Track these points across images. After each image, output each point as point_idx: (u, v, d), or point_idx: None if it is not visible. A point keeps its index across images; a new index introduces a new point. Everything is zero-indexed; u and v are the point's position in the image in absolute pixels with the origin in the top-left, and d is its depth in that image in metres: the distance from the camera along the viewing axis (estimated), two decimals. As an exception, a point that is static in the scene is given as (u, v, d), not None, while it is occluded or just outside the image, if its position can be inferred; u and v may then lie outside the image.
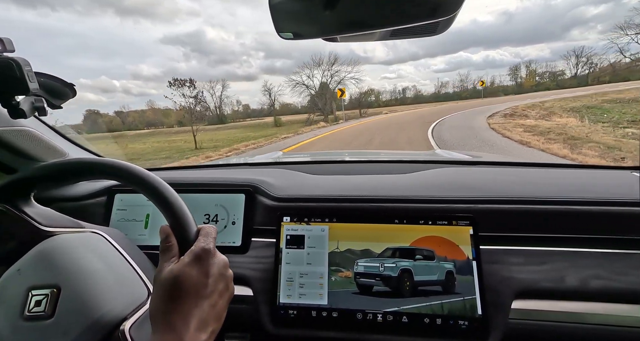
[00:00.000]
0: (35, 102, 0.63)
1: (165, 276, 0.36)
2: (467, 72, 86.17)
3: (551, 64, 60.68)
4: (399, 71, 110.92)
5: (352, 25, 0.38)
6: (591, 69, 53.66)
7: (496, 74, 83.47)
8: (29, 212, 0.45)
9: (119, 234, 0.50)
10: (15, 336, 0.39)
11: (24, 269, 0.42)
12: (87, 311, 0.39)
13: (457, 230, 0.65)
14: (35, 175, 0.44)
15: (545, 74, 59.74)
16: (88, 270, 0.42)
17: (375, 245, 0.67)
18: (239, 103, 62.03)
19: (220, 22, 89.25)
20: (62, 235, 0.45)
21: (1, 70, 0.55)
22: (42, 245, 0.43)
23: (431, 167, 0.93)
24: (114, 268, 0.44)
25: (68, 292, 0.40)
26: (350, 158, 1.33)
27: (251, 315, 0.67)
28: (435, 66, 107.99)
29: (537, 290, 0.60)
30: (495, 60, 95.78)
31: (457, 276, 0.62)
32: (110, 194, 0.82)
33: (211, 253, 0.40)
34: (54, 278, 0.41)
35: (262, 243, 0.74)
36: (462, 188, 0.74)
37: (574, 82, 52.66)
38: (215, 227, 0.44)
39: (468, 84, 66.87)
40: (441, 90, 68.20)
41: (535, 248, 0.64)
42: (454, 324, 0.60)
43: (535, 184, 0.76)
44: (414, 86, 78.72)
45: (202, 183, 0.83)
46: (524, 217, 0.67)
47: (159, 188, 0.41)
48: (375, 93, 68.62)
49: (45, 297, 0.39)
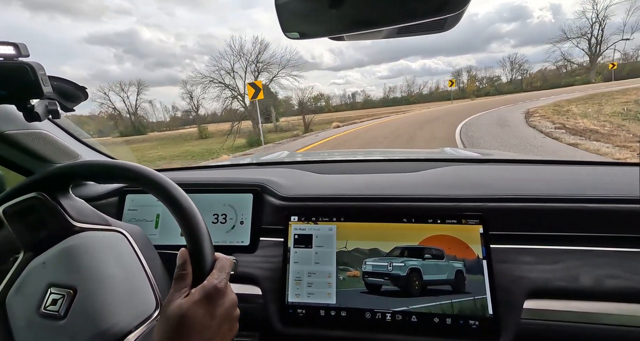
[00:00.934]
0: (49, 105, 0.65)
1: (173, 311, 0.37)
2: (412, 78, 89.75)
3: (489, 69, 64.51)
4: (347, 77, 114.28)
5: (359, 23, 0.37)
6: (523, 75, 58.09)
7: (440, 79, 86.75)
8: (64, 203, 0.46)
9: (141, 234, 0.51)
10: (28, 330, 0.40)
11: (49, 263, 0.43)
12: (97, 319, 0.40)
13: (466, 229, 0.64)
14: (75, 170, 0.45)
15: (483, 80, 62.95)
16: (105, 276, 0.43)
17: (384, 244, 0.66)
18: (175, 109, 54.75)
19: (157, 23, 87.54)
20: (89, 232, 0.46)
21: (17, 75, 0.57)
22: (69, 241, 0.44)
23: (440, 165, 0.92)
24: (130, 275, 0.44)
25: (83, 296, 0.41)
26: (358, 157, 1.33)
27: (260, 314, 0.68)
28: (379, 73, 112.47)
29: (550, 290, 0.59)
30: (431, 68, 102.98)
31: (467, 275, 0.62)
32: (122, 195, 0.84)
33: (221, 293, 0.40)
34: (73, 279, 0.42)
35: (270, 243, 0.75)
36: (472, 187, 0.73)
37: (511, 87, 56.21)
38: (232, 260, 0.45)
39: (414, 88, 69.10)
40: (389, 95, 69.31)
41: (547, 247, 0.62)
42: (464, 324, 0.59)
43: (547, 181, 0.74)
44: (363, 91, 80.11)
45: (210, 183, 0.84)
46: (536, 215, 0.65)
47: (189, 212, 0.42)
48: (325, 98, 68.91)
49: (62, 297, 0.40)
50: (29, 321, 0.40)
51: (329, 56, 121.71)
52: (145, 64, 59.96)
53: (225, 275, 0.42)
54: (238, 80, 19.90)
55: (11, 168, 0.80)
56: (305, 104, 21.34)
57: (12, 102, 0.61)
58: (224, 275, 0.42)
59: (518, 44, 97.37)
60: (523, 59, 61.39)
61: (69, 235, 0.45)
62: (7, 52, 0.57)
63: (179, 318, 0.36)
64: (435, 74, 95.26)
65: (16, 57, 0.58)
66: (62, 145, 0.82)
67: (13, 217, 0.43)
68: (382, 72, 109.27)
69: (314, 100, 66.22)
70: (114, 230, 0.48)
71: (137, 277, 0.45)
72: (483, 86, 60.69)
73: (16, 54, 0.57)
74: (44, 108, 0.64)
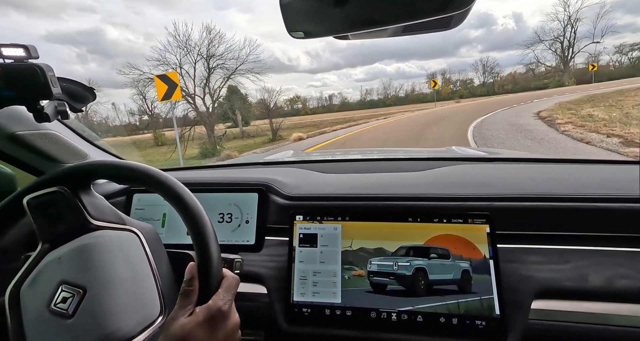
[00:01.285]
0: (58, 106, 0.66)
1: (176, 331, 0.37)
2: (389, 80, 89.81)
3: (463, 72, 65.24)
4: (324, 79, 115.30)
5: (364, 22, 0.37)
6: (495, 78, 59.46)
7: (415, 81, 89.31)
8: (84, 200, 0.47)
9: (153, 234, 0.51)
10: (37, 324, 0.41)
11: (64, 259, 0.44)
12: (102, 322, 0.40)
13: (473, 229, 0.64)
14: (96, 168, 0.46)
15: (457, 82, 63.79)
16: (115, 279, 0.43)
17: (389, 244, 0.66)
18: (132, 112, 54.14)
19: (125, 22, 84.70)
20: (104, 231, 0.46)
21: (27, 76, 0.58)
22: (85, 239, 0.45)
23: (445, 164, 0.92)
24: (138, 279, 0.45)
25: (91, 297, 0.41)
26: (363, 156, 1.32)
27: (265, 313, 0.68)
28: (356, 75, 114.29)
29: (559, 290, 0.58)
30: (405, 72, 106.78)
31: (473, 275, 0.61)
32: (129, 194, 0.85)
33: (225, 316, 0.40)
34: (85, 279, 0.42)
35: (275, 242, 0.75)
36: (478, 186, 0.73)
37: (483, 89, 57.14)
38: (238, 279, 0.45)
39: (391, 91, 68.76)
40: (366, 97, 68.79)
41: (555, 247, 0.61)
42: (471, 324, 0.58)
43: (555, 180, 0.73)
44: (340, 93, 78.76)
45: (216, 182, 0.85)
46: (543, 215, 0.64)
47: (204, 227, 0.42)
48: (302, 100, 67.94)
49: (72, 296, 0.41)
50: (38, 316, 0.41)
51: (306, 59, 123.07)
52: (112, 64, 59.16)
53: (230, 296, 0.42)
54: (188, 80, 15.04)
55: (21, 167, 0.81)
56: (270, 107, 16.72)
57: (23, 103, 0.62)
58: (229, 297, 0.42)
59: (485, 49, 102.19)
60: (494, 63, 62.72)
61: (85, 232, 0.45)
62: (17, 54, 0.58)
63: (181, 340, 0.36)
64: (409, 77, 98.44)
65: (26, 58, 0.59)
66: (71, 145, 0.84)
67: (35, 208, 0.45)
68: (359, 75, 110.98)
69: (290, 103, 64.90)
70: (128, 230, 0.48)
71: (145, 281, 0.45)
72: (457, 89, 61.63)
73: (26, 55, 0.58)
74: (53, 109, 0.65)
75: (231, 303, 0.42)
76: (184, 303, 0.39)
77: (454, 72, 64.32)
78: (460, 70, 65.56)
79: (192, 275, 0.41)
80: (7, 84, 0.58)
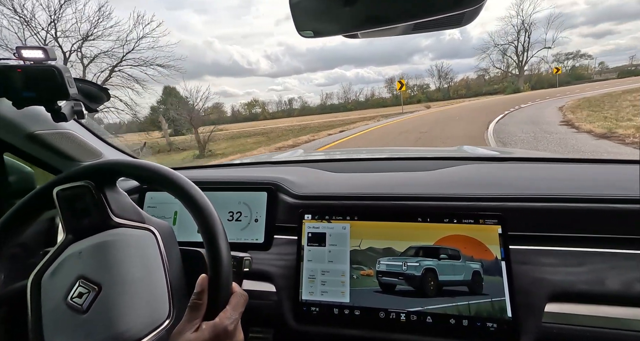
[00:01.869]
0: (75, 106, 0.68)
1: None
2: (348, 85, 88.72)
3: (420, 78, 66.15)
4: (285, 84, 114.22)
5: (374, 20, 0.37)
6: (449, 83, 61.00)
7: (375, 86, 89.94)
8: (108, 196, 0.48)
9: (170, 232, 0.53)
10: (53, 314, 0.43)
11: (84, 253, 0.45)
12: (113, 321, 0.41)
13: (484, 229, 0.63)
14: (122, 167, 0.48)
15: (414, 87, 64.42)
16: (129, 280, 0.44)
17: (398, 244, 0.66)
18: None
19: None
20: (124, 229, 0.48)
21: (45, 78, 0.60)
22: (105, 236, 0.46)
23: (456, 163, 0.90)
24: (152, 281, 0.46)
25: (105, 296, 0.43)
26: (372, 155, 1.32)
27: (274, 311, 0.69)
28: (316, 80, 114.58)
29: (574, 293, 0.57)
30: (364, 77, 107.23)
31: (484, 276, 0.60)
32: (142, 192, 0.87)
33: (229, 335, 0.40)
34: (101, 276, 0.44)
35: (284, 241, 0.75)
36: (490, 186, 0.71)
37: (440, 94, 58.21)
38: (246, 296, 0.46)
39: (351, 95, 68.27)
40: (327, 102, 67.57)
41: (570, 249, 0.60)
42: (482, 326, 0.58)
43: (570, 180, 0.71)
44: (300, 97, 77.89)
45: (226, 181, 0.86)
46: (558, 216, 0.63)
47: (219, 240, 0.43)
48: (261, 104, 66.74)
49: (87, 292, 0.42)
50: (55, 307, 0.43)
51: (266, 62, 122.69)
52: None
53: (237, 315, 0.42)
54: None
55: (40, 166, 0.84)
56: (196, 113, 12.76)
57: (41, 104, 0.64)
58: (236, 315, 0.42)
59: (435, 57, 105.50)
60: (448, 68, 63.89)
61: (106, 229, 0.47)
62: (36, 56, 0.60)
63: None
64: (369, 82, 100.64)
65: (45, 60, 0.61)
66: (86, 144, 0.86)
67: (63, 199, 0.46)
68: (319, 80, 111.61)
69: (248, 107, 63.75)
70: (146, 229, 0.49)
71: (157, 283, 0.46)
72: (415, 93, 62.37)
73: (45, 57, 0.60)
74: (69, 109, 0.67)
75: (237, 322, 0.42)
76: (191, 317, 0.40)
77: (411, 77, 65.35)
78: (417, 75, 66.91)
79: (203, 288, 0.42)
80: (27, 85, 0.60)
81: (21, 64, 0.60)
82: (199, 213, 0.44)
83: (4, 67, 0.59)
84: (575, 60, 51.36)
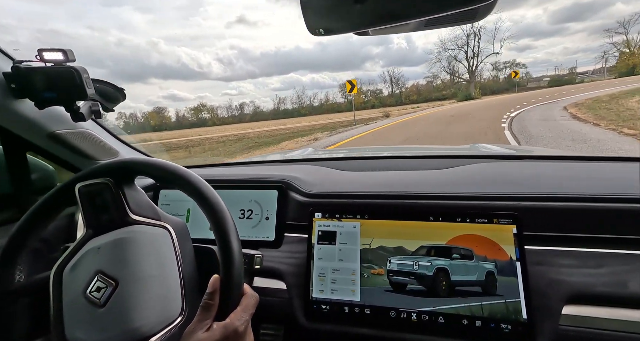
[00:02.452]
0: (92, 106, 0.70)
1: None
2: (302, 89, 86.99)
3: (373, 83, 65.79)
4: (240, 88, 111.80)
5: (386, 17, 0.36)
6: (401, 89, 61.30)
7: (329, 91, 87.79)
8: (127, 193, 0.50)
9: (184, 230, 0.54)
10: (72, 306, 0.44)
11: (103, 249, 0.47)
12: (128, 317, 0.43)
13: (498, 229, 0.61)
14: (141, 165, 0.50)
15: (368, 92, 64.20)
16: (145, 276, 0.45)
17: (409, 243, 0.65)
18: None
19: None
20: (140, 226, 0.49)
21: (65, 79, 0.62)
22: (123, 233, 0.48)
23: (470, 162, 0.88)
24: (166, 278, 0.47)
25: (121, 291, 0.44)
26: (383, 154, 1.30)
27: (285, 308, 0.69)
28: (272, 85, 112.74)
29: (593, 296, 0.55)
30: (320, 82, 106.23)
31: (498, 277, 0.59)
32: (156, 190, 0.89)
33: (239, 336, 0.41)
34: (118, 272, 0.45)
35: (294, 239, 0.76)
36: (505, 184, 0.70)
37: (392, 99, 58.16)
38: (257, 298, 0.46)
39: (305, 100, 66.73)
40: (280, 106, 65.58)
41: (589, 250, 0.58)
42: (496, 327, 0.56)
43: (588, 179, 0.69)
44: (252, 102, 74.74)
45: (237, 179, 0.87)
46: (576, 216, 0.61)
47: (231, 238, 0.44)
48: (209, 109, 64.24)
49: (105, 287, 0.44)
50: (75, 300, 0.44)
51: (218, 66, 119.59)
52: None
53: (247, 316, 0.43)
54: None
55: (60, 164, 0.87)
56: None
57: (61, 104, 0.66)
58: (246, 316, 0.43)
59: (385, 64, 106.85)
60: (399, 74, 64.25)
61: (124, 225, 0.48)
62: (57, 58, 0.62)
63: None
64: (324, 87, 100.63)
65: (64, 62, 0.63)
66: (103, 143, 0.89)
67: (85, 195, 0.48)
68: (275, 84, 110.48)
69: (194, 112, 60.83)
70: (162, 226, 0.51)
71: (171, 280, 0.47)
72: (369, 99, 62.15)
73: (64, 59, 0.62)
74: (88, 109, 0.69)
75: (247, 323, 0.43)
76: (203, 317, 0.41)
77: (365, 83, 65.05)
78: (370, 81, 66.38)
79: (215, 288, 0.42)
80: (48, 86, 0.63)
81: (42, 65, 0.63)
82: (212, 211, 0.45)
83: (26, 69, 0.62)
84: (512, 68, 52.98)
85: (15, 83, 0.63)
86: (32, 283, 0.48)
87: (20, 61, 0.63)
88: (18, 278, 0.48)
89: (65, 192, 0.50)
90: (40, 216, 0.50)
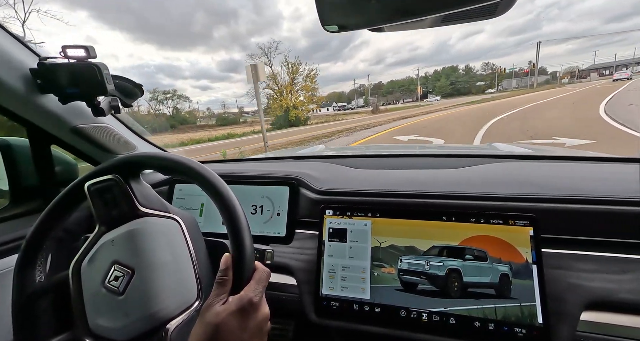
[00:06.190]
0: (112, 102, 0.72)
1: (211, 318, 0.40)
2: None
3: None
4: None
5: (403, 12, 0.36)
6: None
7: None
8: (134, 188, 0.52)
9: (193, 222, 0.55)
10: (93, 298, 0.46)
11: (117, 241, 0.49)
12: (148, 302, 0.44)
13: (514, 230, 0.60)
14: (145, 160, 0.51)
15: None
16: (159, 263, 0.47)
17: (421, 242, 0.64)
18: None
19: None
20: (150, 218, 0.51)
21: (87, 75, 0.64)
22: (135, 225, 0.50)
23: (486, 161, 0.86)
24: (179, 264, 0.49)
25: (138, 278, 0.46)
26: (396, 152, 1.29)
27: (295, 304, 0.70)
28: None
29: (616, 302, 0.53)
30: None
31: (513, 280, 0.57)
32: (171, 184, 0.91)
33: (255, 307, 0.42)
34: (133, 260, 0.47)
35: (305, 235, 0.76)
36: (522, 185, 0.68)
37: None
38: (269, 272, 0.47)
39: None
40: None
41: (612, 255, 0.56)
42: (509, 331, 0.55)
43: (609, 181, 0.66)
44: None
45: (250, 175, 0.88)
46: (597, 219, 0.58)
47: (239, 220, 0.45)
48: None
49: (122, 276, 0.46)
50: (95, 291, 0.46)
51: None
52: None
53: (261, 288, 0.44)
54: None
55: (81, 157, 0.91)
56: None
57: (83, 99, 0.69)
58: (260, 288, 0.44)
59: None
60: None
61: (134, 218, 0.50)
62: (79, 55, 0.64)
63: (215, 326, 0.39)
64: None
65: (86, 58, 0.65)
66: (122, 138, 0.91)
67: (94, 193, 0.50)
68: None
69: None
70: (171, 218, 0.52)
71: (184, 266, 0.49)
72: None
73: (86, 55, 0.64)
74: (107, 104, 0.71)
75: (262, 295, 0.44)
76: (219, 292, 0.42)
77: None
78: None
79: (227, 265, 0.44)
80: (71, 81, 0.65)
81: (66, 61, 0.65)
82: (223, 205, 0.46)
83: (51, 65, 0.64)
84: (175, 100, 50.91)
85: (41, 79, 0.65)
86: (54, 281, 0.50)
87: (45, 57, 0.65)
88: (38, 279, 0.50)
89: (75, 191, 0.52)
90: (58, 211, 0.52)
